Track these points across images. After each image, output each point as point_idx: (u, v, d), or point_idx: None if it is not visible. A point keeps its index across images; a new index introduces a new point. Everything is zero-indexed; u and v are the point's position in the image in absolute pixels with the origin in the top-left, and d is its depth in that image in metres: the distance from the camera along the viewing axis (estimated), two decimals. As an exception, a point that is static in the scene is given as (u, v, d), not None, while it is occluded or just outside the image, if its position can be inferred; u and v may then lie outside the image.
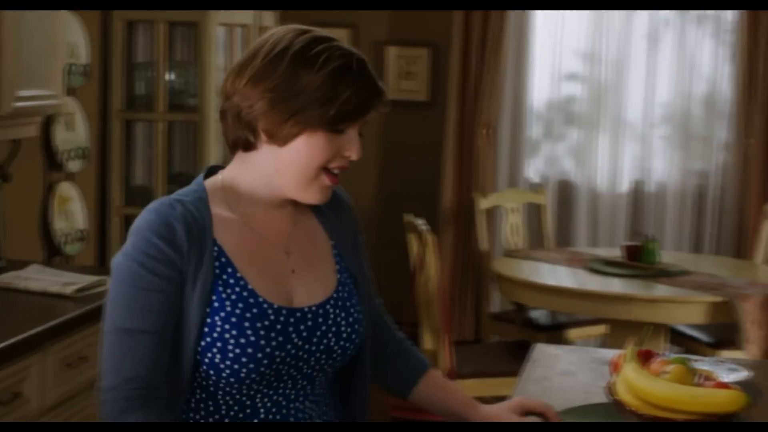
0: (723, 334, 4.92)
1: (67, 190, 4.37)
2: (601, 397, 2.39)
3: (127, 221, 4.88)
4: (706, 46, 6.10)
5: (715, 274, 4.85)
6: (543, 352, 2.87)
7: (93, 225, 4.70)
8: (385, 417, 4.31)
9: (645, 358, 2.29)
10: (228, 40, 4.87)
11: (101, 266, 4.71)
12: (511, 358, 4.64)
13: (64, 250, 4.33)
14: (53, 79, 3.60)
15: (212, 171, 2.13)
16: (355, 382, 2.20)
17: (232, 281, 2.00)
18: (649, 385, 2.11)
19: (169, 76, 4.89)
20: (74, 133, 4.37)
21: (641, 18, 6.08)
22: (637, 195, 6.22)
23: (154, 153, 4.78)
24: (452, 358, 4.47)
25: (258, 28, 5.07)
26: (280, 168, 2.01)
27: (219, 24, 4.73)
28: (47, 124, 4.22)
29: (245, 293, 2.01)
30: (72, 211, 4.39)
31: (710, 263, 5.25)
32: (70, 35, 4.28)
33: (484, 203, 5.57)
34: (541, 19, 6.18)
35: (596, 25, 6.10)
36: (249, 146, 2.03)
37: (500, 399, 2.34)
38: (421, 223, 4.48)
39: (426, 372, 2.31)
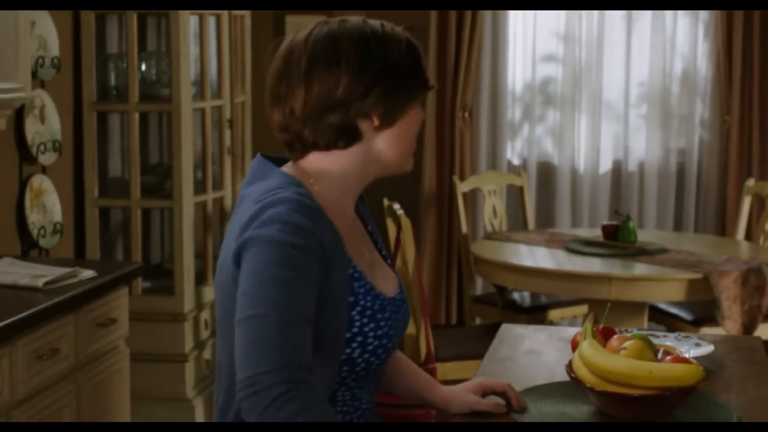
0: (705, 311, 4.92)
1: (41, 183, 4.35)
2: (565, 376, 2.39)
3: (104, 213, 4.88)
4: (683, 24, 6.09)
5: (694, 251, 4.84)
6: (510, 332, 2.87)
7: (70, 218, 4.69)
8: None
9: (605, 335, 2.28)
10: (200, 30, 4.84)
11: (79, 258, 4.70)
12: (491, 340, 4.63)
13: (41, 243, 4.32)
14: (19, 72, 3.59)
15: (269, 160, 2.10)
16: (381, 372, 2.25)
17: (357, 275, 2.03)
18: (605, 361, 2.11)
19: (143, 67, 4.88)
20: (46, 126, 4.36)
21: (617, -3, 6.07)
22: (618, 174, 6.22)
23: (129, 144, 4.77)
24: (431, 342, 4.47)
25: (230, 17, 5.05)
26: (389, 147, 2.05)
27: (191, 13, 4.71)
28: (19, 117, 4.20)
29: (368, 286, 2.04)
30: (47, 204, 4.38)
31: (691, 241, 5.25)
32: (40, 28, 4.27)
33: (462, 186, 5.57)
34: (518, 1, 6.17)
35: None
36: (355, 138, 2.03)
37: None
38: (397, 207, 4.47)
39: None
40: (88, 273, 3.48)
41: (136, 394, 4.52)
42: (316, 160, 2.05)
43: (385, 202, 4.60)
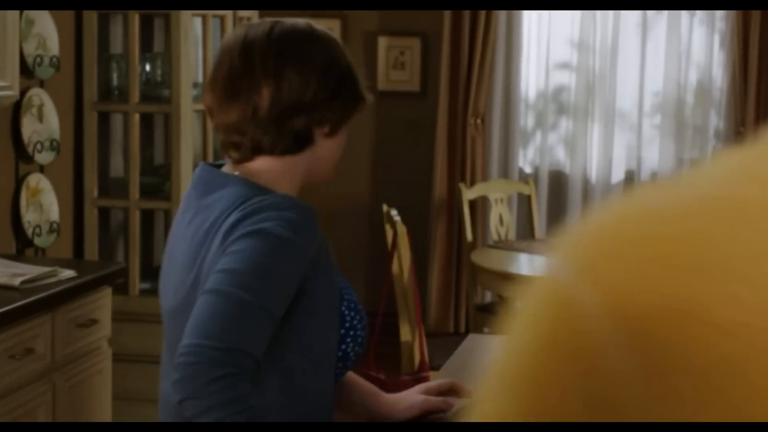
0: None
1: (38, 182, 4.36)
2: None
3: (104, 214, 4.87)
4: (699, 34, 6.01)
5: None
6: (476, 342, 2.82)
7: (68, 217, 4.69)
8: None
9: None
10: (202, 31, 4.83)
11: (78, 258, 4.70)
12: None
13: (36, 242, 4.32)
14: (7, 71, 3.59)
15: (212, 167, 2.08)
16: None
17: (335, 270, 2.01)
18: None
19: (148, 68, 4.87)
20: (44, 125, 4.36)
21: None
22: (631, 185, 6.14)
23: (129, 145, 4.76)
24: (425, 350, 4.42)
25: (234, 19, 5.04)
26: (329, 155, 2.03)
27: (193, 14, 4.70)
28: (16, 115, 4.21)
29: (344, 280, 2.04)
30: (44, 203, 4.38)
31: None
32: (39, 27, 4.27)
33: (469, 194, 5.52)
34: (532, 8, 6.12)
35: (587, 13, 6.02)
36: (307, 145, 2.00)
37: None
38: (394, 213, 4.44)
39: None
40: (67, 273, 3.47)
41: (131, 395, 4.51)
42: (266, 164, 2.00)
43: (384, 207, 4.56)
